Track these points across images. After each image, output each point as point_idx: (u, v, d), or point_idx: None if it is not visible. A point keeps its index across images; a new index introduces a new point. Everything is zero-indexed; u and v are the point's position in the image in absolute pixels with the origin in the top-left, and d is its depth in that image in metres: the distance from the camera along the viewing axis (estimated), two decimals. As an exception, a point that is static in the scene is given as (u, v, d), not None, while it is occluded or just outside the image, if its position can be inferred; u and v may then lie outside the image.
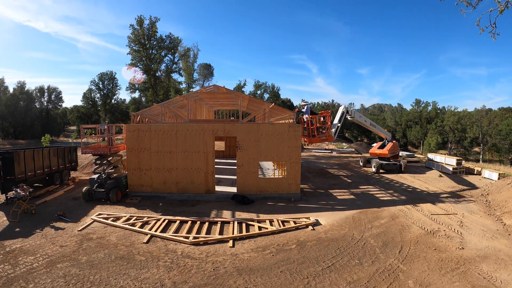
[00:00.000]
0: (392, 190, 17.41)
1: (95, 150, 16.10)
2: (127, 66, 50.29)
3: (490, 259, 8.77)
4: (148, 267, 8.13)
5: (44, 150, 16.99)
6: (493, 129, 48.80)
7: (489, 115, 61.18)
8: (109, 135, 16.85)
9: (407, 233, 10.74)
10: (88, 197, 14.32)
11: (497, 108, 75.22)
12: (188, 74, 57.54)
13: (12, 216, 11.70)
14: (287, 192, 15.02)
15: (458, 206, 14.11)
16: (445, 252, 9.21)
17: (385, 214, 12.95)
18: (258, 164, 15.20)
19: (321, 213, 12.90)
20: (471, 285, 7.41)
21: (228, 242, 9.81)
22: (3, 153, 14.69)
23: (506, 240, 10.09)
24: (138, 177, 15.19)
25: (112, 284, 7.25)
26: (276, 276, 7.73)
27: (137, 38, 49.89)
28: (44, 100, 65.19)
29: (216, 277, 7.68)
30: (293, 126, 14.93)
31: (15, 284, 7.20)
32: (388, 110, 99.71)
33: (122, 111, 71.25)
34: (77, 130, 70.76)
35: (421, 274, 7.89)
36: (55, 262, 8.29)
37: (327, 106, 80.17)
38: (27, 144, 46.54)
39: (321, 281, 7.52)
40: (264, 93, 68.58)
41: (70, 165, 19.35)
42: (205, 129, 14.86)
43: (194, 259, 8.66)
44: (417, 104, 73.27)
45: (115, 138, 18.12)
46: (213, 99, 26.11)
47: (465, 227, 11.36)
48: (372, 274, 7.88)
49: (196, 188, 15.06)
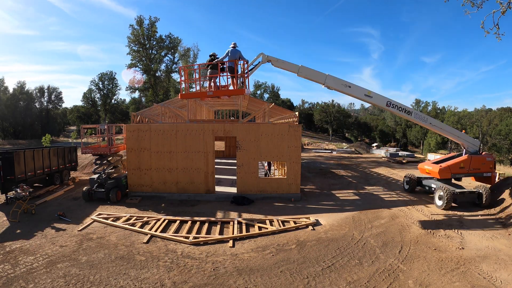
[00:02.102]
0: (392, 190, 17.41)
1: (95, 150, 16.10)
2: (126, 67, 50.37)
3: (490, 259, 8.76)
4: (148, 267, 8.13)
5: (44, 150, 16.99)
6: (493, 129, 48.86)
7: (488, 115, 61.24)
8: (109, 135, 16.86)
9: (407, 233, 10.74)
10: (88, 197, 14.31)
11: (496, 108, 75.18)
12: (188, 74, 57.56)
13: (12, 216, 11.70)
14: (287, 192, 15.02)
15: (458, 206, 14.10)
16: (445, 252, 9.21)
17: (385, 214, 12.95)
18: (258, 164, 15.20)
19: (321, 213, 12.90)
20: (471, 285, 7.41)
21: (228, 242, 9.81)
22: (3, 153, 14.69)
23: (506, 240, 10.08)
24: (138, 177, 15.19)
25: (112, 284, 7.25)
26: (276, 276, 7.73)
27: (137, 38, 49.92)
28: (44, 100, 65.22)
29: (216, 277, 7.68)
30: (293, 126, 14.94)
31: (15, 284, 7.20)
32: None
33: (122, 111, 71.30)
34: (77, 130, 70.83)
35: (421, 274, 7.89)
36: (55, 262, 8.29)
37: (327, 106, 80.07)
38: (27, 144, 46.54)
39: (321, 281, 7.52)
40: (264, 93, 68.69)
41: (70, 165, 19.35)
42: (205, 129, 14.86)
43: (194, 259, 8.65)
44: (417, 104, 73.35)
45: (115, 138, 18.11)
46: (213, 99, 26.12)
47: (465, 227, 11.36)
48: (372, 274, 7.88)
49: (196, 188, 15.05)
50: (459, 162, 14.32)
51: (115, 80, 64.85)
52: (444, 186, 13.69)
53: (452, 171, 14.24)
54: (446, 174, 14.24)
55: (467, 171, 14.39)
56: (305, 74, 12.89)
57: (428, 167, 15.25)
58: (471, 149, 14.71)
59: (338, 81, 13.03)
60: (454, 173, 14.31)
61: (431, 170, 14.88)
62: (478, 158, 14.47)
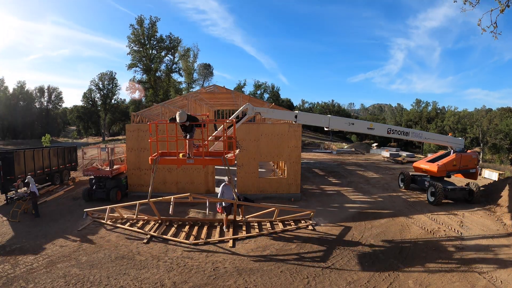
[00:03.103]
0: (392, 190, 17.40)
1: (97, 173, 15.51)
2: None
3: (490, 259, 8.77)
4: (148, 267, 8.13)
5: (44, 150, 17.00)
6: (493, 129, 48.87)
7: (488, 115, 61.28)
8: (110, 158, 15.93)
9: (407, 233, 10.74)
10: (88, 197, 14.31)
11: (496, 108, 75.16)
12: (188, 74, 57.58)
13: (12, 216, 11.71)
14: (287, 192, 15.02)
15: (458, 206, 14.10)
16: (445, 252, 9.21)
17: (385, 213, 12.95)
18: (258, 164, 15.19)
19: (321, 213, 12.89)
20: (471, 285, 7.41)
21: (228, 242, 9.81)
22: (3, 153, 14.71)
23: (506, 240, 10.09)
24: (138, 177, 15.19)
25: (112, 284, 7.25)
26: (276, 276, 7.73)
27: (137, 38, 49.94)
28: (44, 100, 65.29)
29: (216, 277, 7.68)
30: (293, 126, 14.93)
31: (15, 284, 7.20)
32: (388, 110, 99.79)
33: (122, 111, 71.27)
34: (77, 130, 70.83)
35: (421, 274, 7.89)
36: (55, 262, 8.29)
37: (327, 106, 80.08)
38: (28, 144, 46.55)
39: (321, 281, 7.52)
40: (264, 93, 68.73)
41: (70, 165, 19.36)
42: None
43: (194, 259, 8.65)
44: (417, 104, 73.38)
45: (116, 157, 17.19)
46: (213, 99, 26.12)
47: (465, 227, 11.36)
48: (372, 274, 7.88)
49: (196, 188, 15.05)
50: (452, 160, 15.35)
51: (115, 80, 64.91)
52: (436, 183, 14.48)
53: (447, 169, 15.24)
54: (442, 171, 15.20)
55: (458, 168, 15.56)
56: (304, 120, 12.56)
57: (424, 166, 16.16)
58: (457, 149, 15.88)
59: (341, 120, 13.43)
60: (449, 171, 15.35)
61: (429, 168, 15.71)
62: (466, 156, 15.79)
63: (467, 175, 16.15)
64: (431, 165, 15.64)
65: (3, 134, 55.99)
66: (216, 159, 9.28)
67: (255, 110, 11.59)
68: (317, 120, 12.94)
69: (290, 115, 12.51)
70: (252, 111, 11.49)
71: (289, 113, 12.79)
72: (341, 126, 13.49)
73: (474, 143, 52.29)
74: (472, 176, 16.13)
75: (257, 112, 11.69)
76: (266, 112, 11.83)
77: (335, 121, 12.94)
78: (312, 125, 12.42)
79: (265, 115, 11.81)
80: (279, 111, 12.80)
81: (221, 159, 8.97)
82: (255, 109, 11.59)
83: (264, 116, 11.92)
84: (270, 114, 11.95)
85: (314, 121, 13.05)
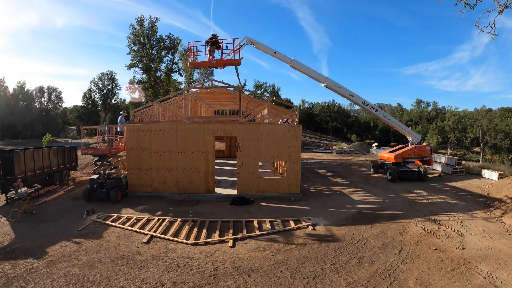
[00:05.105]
0: (392, 190, 17.40)
1: (95, 151, 16.06)
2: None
3: (490, 259, 8.77)
4: (148, 267, 8.13)
5: (44, 150, 16.99)
6: (493, 129, 48.82)
7: (488, 115, 61.25)
8: (109, 136, 16.83)
9: (407, 233, 10.74)
10: (88, 197, 14.31)
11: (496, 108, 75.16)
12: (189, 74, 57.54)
13: (12, 216, 11.70)
14: (287, 192, 15.01)
15: (458, 206, 14.11)
16: (445, 252, 9.21)
17: (385, 214, 12.95)
18: (258, 164, 15.19)
19: (321, 213, 12.89)
20: (471, 285, 7.41)
21: (228, 242, 9.81)
22: (3, 153, 14.70)
23: (506, 240, 10.09)
24: (138, 177, 15.19)
25: (112, 284, 7.25)
26: (276, 276, 7.73)
27: (137, 38, 49.91)
28: (44, 100, 65.26)
29: (216, 277, 7.68)
30: (293, 126, 14.94)
31: (15, 284, 7.20)
32: (387, 110, 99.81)
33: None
34: (77, 130, 70.84)
35: (421, 274, 7.89)
36: (55, 262, 8.29)
37: (327, 106, 80.00)
38: (28, 144, 46.56)
39: (321, 281, 7.51)
40: (264, 93, 68.74)
41: (70, 165, 19.35)
42: (205, 129, 14.86)
43: (194, 259, 8.65)
44: (418, 104, 73.40)
45: (115, 138, 18.08)
46: (213, 99, 26.16)
47: (465, 227, 11.36)
48: (372, 274, 7.88)
49: (196, 188, 15.05)
50: (407, 150, 20.76)
51: (115, 80, 64.88)
52: (392, 167, 19.96)
53: (403, 157, 20.52)
54: (399, 159, 20.39)
55: (413, 156, 20.88)
56: (300, 67, 17.58)
57: (386, 155, 21.64)
58: (415, 141, 21.41)
59: (334, 83, 17.80)
60: (404, 158, 20.61)
61: (388, 157, 21.04)
62: (420, 147, 21.05)
63: (424, 162, 21.55)
64: (391, 154, 20.79)
65: (3, 134, 55.92)
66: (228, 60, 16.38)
67: (251, 40, 16.90)
68: (315, 74, 18.17)
69: (270, 50, 17.16)
70: (248, 40, 16.77)
71: (269, 49, 17.15)
72: (333, 86, 18.39)
73: (474, 143, 52.27)
74: (427, 162, 21.80)
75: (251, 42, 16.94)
76: (256, 43, 16.94)
77: (330, 82, 18.31)
78: (310, 76, 18.18)
79: (256, 44, 16.96)
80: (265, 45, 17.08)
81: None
82: (251, 39, 16.90)
83: (255, 46, 17.05)
84: (259, 46, 17.07)
85: (311, 72, 17.99)
